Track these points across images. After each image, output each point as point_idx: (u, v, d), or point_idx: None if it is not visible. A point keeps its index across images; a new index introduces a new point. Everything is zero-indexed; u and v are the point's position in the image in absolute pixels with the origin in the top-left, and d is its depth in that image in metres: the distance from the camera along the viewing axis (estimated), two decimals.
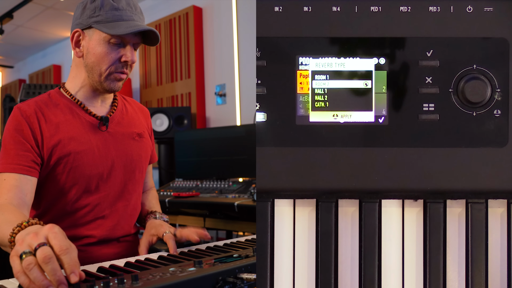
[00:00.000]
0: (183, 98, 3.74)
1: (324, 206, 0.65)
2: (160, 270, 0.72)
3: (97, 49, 1.06)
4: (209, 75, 3.61)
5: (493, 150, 0.64)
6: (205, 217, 2.26)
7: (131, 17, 1.06)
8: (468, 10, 0.64)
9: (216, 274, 0.68)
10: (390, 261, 0.65)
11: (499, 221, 0.65)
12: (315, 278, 0.65)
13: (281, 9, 0.65)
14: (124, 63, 1.08)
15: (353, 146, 0.65)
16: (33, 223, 0.77)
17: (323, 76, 0.65)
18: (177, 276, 0.66)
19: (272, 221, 0.65)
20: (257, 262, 0.65)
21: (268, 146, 0.65)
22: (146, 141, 1.24)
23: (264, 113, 0.65)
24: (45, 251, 0.63)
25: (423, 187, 0.64)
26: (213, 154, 2.68)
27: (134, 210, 1.20)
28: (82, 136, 1.09)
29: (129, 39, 1.06)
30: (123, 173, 1.15)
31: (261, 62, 0.65)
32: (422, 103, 0.65)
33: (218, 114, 3.53)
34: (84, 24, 1.07)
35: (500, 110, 0.64)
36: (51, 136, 1.05)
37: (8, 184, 0.99)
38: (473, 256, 0.64)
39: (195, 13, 3.63)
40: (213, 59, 3.57)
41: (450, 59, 0.65)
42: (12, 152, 1.02)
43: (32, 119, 1.05)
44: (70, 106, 1.12)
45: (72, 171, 1.06)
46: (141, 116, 1.28)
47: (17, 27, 4.89)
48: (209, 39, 3.60)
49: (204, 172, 2.66)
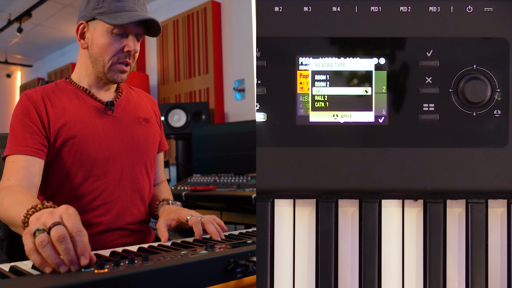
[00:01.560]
0: (201, 93, 3.70)
1: (324, 206, 0.65)
2: (171, 254, 0.72)
3: (100, 40, 1.08)
4: (228, 70, 3.57)
5: (493, 150, 0.64)
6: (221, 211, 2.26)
7: (133, 7, 1.08)
8: (468, 10, 0.64)
9: (228, 257, 0.68)
10: (390, 261, 0.65)
11: (499, 221, 0.65)
12: (315, 278, 0.65)
13: (281, 9, 0.65)
14: (127, 53, 1.10)
15: (353, 146, 0.65)
16: (48, 206, 0.79)
17: (323, 76, 0.65)
18: (188, 257, 0.66)
19: (272, 221, 0.65)
20: (257, 262, 0.65)
21: (268, 146, 0.65)
22: (154, 127, 1.25)
23: (264, 113, 0.65)
24: (59, 230, 0.64)
25: (423, 187, 0.64)
26: (231, 149, 2.66)
27: (143, 195, 1.19)
28: (88, 120, 1.11)
29: (131, 29, 1.09)
30: (129, 157, 1.15)
31: (261, 62, 0.65)
32: (422, 103, 0.65)
33: (237, 109, 3.49)
34: (88, 16, 1.09)
35: (500, 110, 0.64)
36: (57, 118, 1.08)
37: (17, 166, 1.01)
38: (473, 256, 0.64)
39: (213, 8, 3.60)
40: (232, 54, 3.53)
41: (450, 59, 0.65)
42: (20, 135, 1.04)
43: (39, 103, 1.07)
44: (76, 92, 1.14)
45: (78, 154, 1.08)
46: (147, 103, 1.29)
47: (36, 26, 4.90)
48: (228, 34, 3.56)
49: (222, 167, 2.65)
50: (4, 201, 0.92)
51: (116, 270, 0.59)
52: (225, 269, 0.67)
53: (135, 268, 0.59)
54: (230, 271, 0.68)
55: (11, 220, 0.88)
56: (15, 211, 0.85)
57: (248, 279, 0.71)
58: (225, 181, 2.47)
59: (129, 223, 1.16)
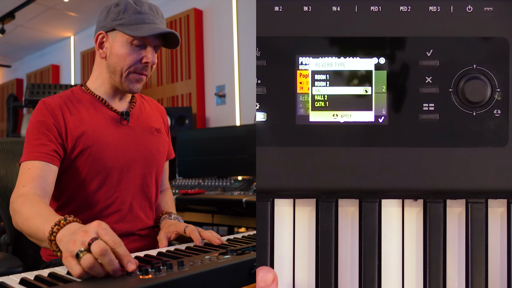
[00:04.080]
0: (183, 98, 3.80)
1: (324, 206, 0.65)
2: (197, 258, 0.75)
3: (119, 50, 1.10)
4: (209, 76, 3.68)
5: (493, 150, 0.64)
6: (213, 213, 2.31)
7: (153, 20, 1.11)
8: (468, 10, 0.64)
9: (251, 261, 0.73)
10: (390, 261, 0.65)
11: (499, 221, 0.65)
12: (315, 278, 0.65)
13: (281, 9, 0.65)
14: (145, 64, 1.12)
15: (353, 146, 0.65)
16: (70, 220, 0.80)
17: (323, 76, 0.65)
18: (217, 262, 0.71)
19: (272, 221, 0.65)
20: (257, 262, 0.65)
21: (268, 146, 0.65)
22: (164, 137, 1.28)
23: (264, 113, 0.65)
24: (100, 245, 0.66)
25: (423, 187, 0.64)
26: (214, 153, 2.74)
27: (152, 203, 1.23)
28: (104, 129, 1.13)
29: (150, 41, 1.11)
30: (142, 167, 1.18)
31: (261, 62, 0.65)
32: (422, 103, 0.65)
33: (218, 114, 3.59)
34: (108, 26, 1.11)
35: (500, 110, 0.64)
36: (75, 127, 1.09)
37: (33, 173, 1.01)
38: (473, 256, 0.64)
39: (196, 15, 3.70)
40: (213, 61, 3.64)
41: (450, 59, 0.65)
42: (36, 142, 1.05)
43: (57, 111, 1.09)
44: (92, 101, 1.16)
45: (94, 163, 1.09)
46: (157, 113, 1.32)
47: (17, 27, 4.90)
48: (210, 41, 3.67)
49: (206, 171, 2.72)
50: (22, 210, 0.92)
51: (160, 276, 0.62)
52: (249, 272, 0.72)
53: (176, 274, 0.63)
54: (253, 274, 0.72)
55: (31, 232, 0.88)
56: (36, 224, 0.86)
57: None
58: (209, 184, 2.54)
59: (139, 229, 1.18)
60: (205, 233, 1.00)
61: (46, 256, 1.15)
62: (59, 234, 0.76)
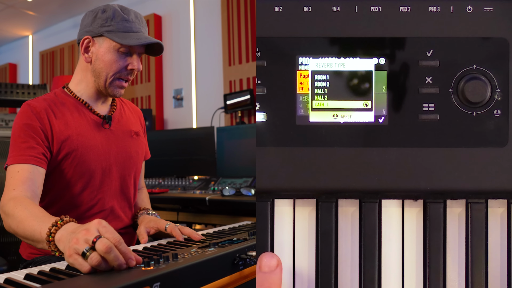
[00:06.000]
0: (143, 100, 3.97)
1: (324, 206, 0.65)
2: (185, 251, 0.82)
3: (106, 56, 1.14)
4: (168, 80, 3.87)
5: (493, 150, 0.64)
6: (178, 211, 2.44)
7: (139, 29, 1.16)
8: (468, 10, 0.64)
9: (233, 252, 0.82)
10: (390, 261, 0.65)
11: (499, 221, 0.65)
12: (315, 278, 0.65)
13: (281, 9, 0.65)
14: (130, 70, 1.17)
15: (353, 146, 0.65)
16: (67, 221, 0.82)
17: (323, 76, 0.65)
18: (204, 255, 0.78)
19: (272, 221, 0.65)
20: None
21: (268, 146, 0.65)
22: (142, 139, 1.34)
23: (264, 113, 0.65)
24: (105, 243, 0.70)
25: (423, 187, 0.64)
26: (173, 154, 2.92)
27: (131, 203, 1.29)
28: (88, 133, 1.16)
29: (136, 49, 1.16)
30: (122, 168, 1.23)
31: (261, 62, 0.65)
32: (422, 103, 0.65)
33: (175, 116, 3.79)
34: (95, 32, 1.15)
35: (500, 110, 0.64)
36: (61, 131, 1.12)
37: (22, 176, 1.03)
38: (473, 256, 0.64)
39: (155, 21, 3.86)
40: (172, 65, 3.83)
41: (450, 59, 0.65)
42: (23, 145, 1.07)
43: (42, 115, 1.11)
44: (76, 105, 1.19)
45: (78, 166, 1.13)
46: (136, 116, 1.37)
47: None
48: (168, 46, 3.83)
49: (165, 171, 2.88)
50: (15, 213, 0.94)
51: (161, 268, 0.68)
52: (232, 263, 0.81)
53: (173, 265, 0.69)
54: (236, 265, 0.82)
55: (26, 234, 0.90)
56: (32, 226, 0.88)
57: (247, 270, 0.85)
58: (169, 184, 2.68)
59: (119, 228, 1.23)
60: (186, 230, 1.08)
61: (26, 254, 1.18)
62: (58, 234, 0.79)
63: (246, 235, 1.00)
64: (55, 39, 4.97)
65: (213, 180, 2.61)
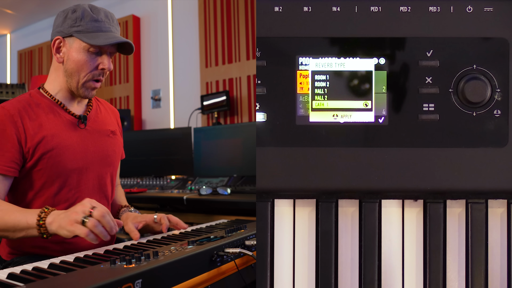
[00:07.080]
0: (121, 100, 4.01)
1: (324, 206, 0.65)
2: (163, 249, 0.85)
3: (76, 57, 1.15)
4: (146, 80, 3.93)
5: (493, 150, 0.64)
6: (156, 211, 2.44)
7: (109, 28, 1.16)
8: (468, 10, 0.64)
9: (211, 250, 0.85)
10: (390, 261, 0.65)
11: (499, 221, 0.65)
12: (315, 278, 0.65)
13: (281, 9, 0.65)
14: (101, 70, 1.17)
15: (353, 146, 0.65)
16: (52, 209, 0.96)
17: (323, 76, 0.65)
18: (184, 252, 0.81)
19: (272, 221, 0.65)
20: (257, 262, 0.65)
21: (268, 146, 0.65)
22: (118, 138, 1.36)
23: (264, 113, 0.65)
24: (100, 210, 0.89)
25: (423, 187, 0.64)
26: (151, 154, 2.97)
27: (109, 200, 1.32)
28: (63, 133, 1.17)
29: (106, 48, 1.16)
30: (99, 167, 1.25)
31: (261, 62, 0.65)
32: (422, 103, 0.65)
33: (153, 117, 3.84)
34: (65, 32, 1.15)
35: (500, 110, 0.64)
36: (35, 133, 1.13)
37: None
38: (473, 256, 0.64)
39: (134, 22, 3.90)
40: (150, 66, 3.88)
41: (450, 59, 0.65)
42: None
43: (16, 118, 1.12)
44: (50, 105, 1.20)
45: (54, 166, 1.14)
46: (112, 115, 1.39)
47: None
48: (146, 47, 3.89)
49: (143, 170, 2.93)
50: None
51: (142, 265, 0.71)
52: (210, 260, 0.85)
53: (154, 263, 0.72)
54: (214, 261, 0.85)
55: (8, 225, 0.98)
56: (16, 217, 0.98)
57: (224, 267, 0.88)
58: (147, 183, 2.73)
59: None
60: (173, 218, 1.19)
61: (5, 254, 1.20)
62: (49, 218, 0.93)
63: (223, 232, 1.03)
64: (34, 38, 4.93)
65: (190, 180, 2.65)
